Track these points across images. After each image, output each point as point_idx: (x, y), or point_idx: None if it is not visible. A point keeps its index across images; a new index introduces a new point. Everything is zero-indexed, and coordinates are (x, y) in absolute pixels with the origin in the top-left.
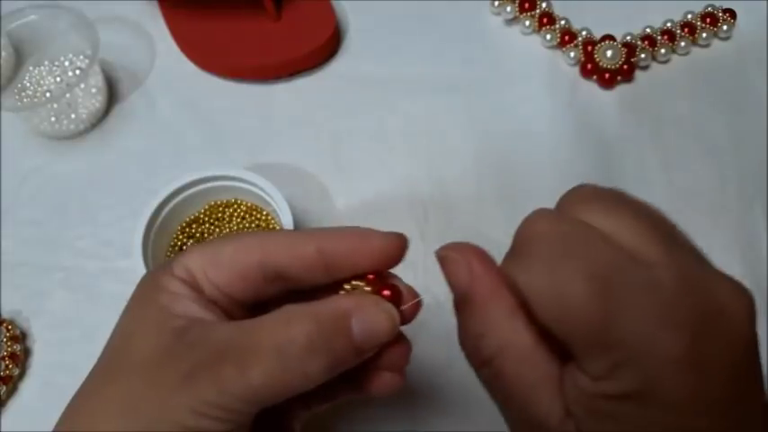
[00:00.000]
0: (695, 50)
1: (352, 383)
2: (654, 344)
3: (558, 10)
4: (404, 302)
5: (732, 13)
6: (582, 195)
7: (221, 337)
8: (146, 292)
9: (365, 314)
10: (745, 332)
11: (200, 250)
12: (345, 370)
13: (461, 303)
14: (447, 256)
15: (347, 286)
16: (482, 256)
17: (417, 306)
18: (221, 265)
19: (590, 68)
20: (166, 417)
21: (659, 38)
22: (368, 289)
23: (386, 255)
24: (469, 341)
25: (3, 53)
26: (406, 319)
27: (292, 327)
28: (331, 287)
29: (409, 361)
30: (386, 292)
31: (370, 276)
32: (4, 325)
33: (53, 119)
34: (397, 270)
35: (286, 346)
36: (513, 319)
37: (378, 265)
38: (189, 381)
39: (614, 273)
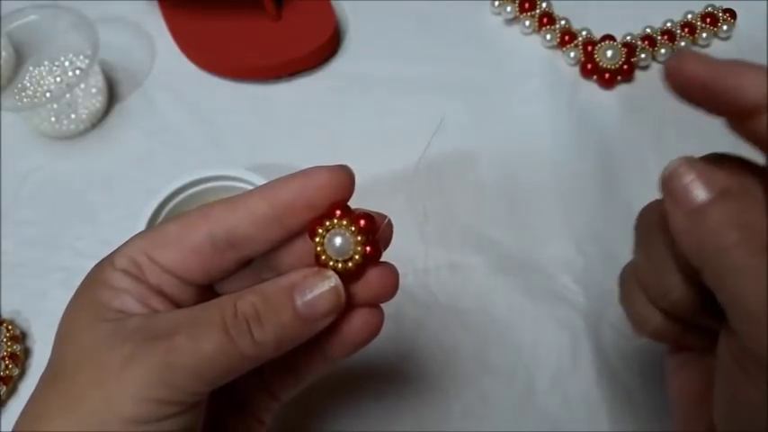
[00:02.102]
0: (695, 50)
1: (316, 354)
2: None
3: (558, 10)
4: (378, 226)
5: (732, 13)
6: None
7: (166, 319)
8: (86, 287)
9: (307, 287)
10: None
11: (144, 234)
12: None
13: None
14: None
15: (321, 230)
16: None
17: (390, 227)
18: (168, 243)
19: (590, 68)
20: (107, 410)
21: (659, 38)
22: (344, 223)
23: (337, 185)
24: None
25: (3, 53)
26: (386, 243)
27: (240, 300)
28: (291, 246)
29: (395, 291)
30: (362, 222)
31: (338, 212)
32: (4, 325)
33: (53, 119)
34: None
35: (235, 315)
36: None
37: (332, 198)
38: (131, 362)
39: None
